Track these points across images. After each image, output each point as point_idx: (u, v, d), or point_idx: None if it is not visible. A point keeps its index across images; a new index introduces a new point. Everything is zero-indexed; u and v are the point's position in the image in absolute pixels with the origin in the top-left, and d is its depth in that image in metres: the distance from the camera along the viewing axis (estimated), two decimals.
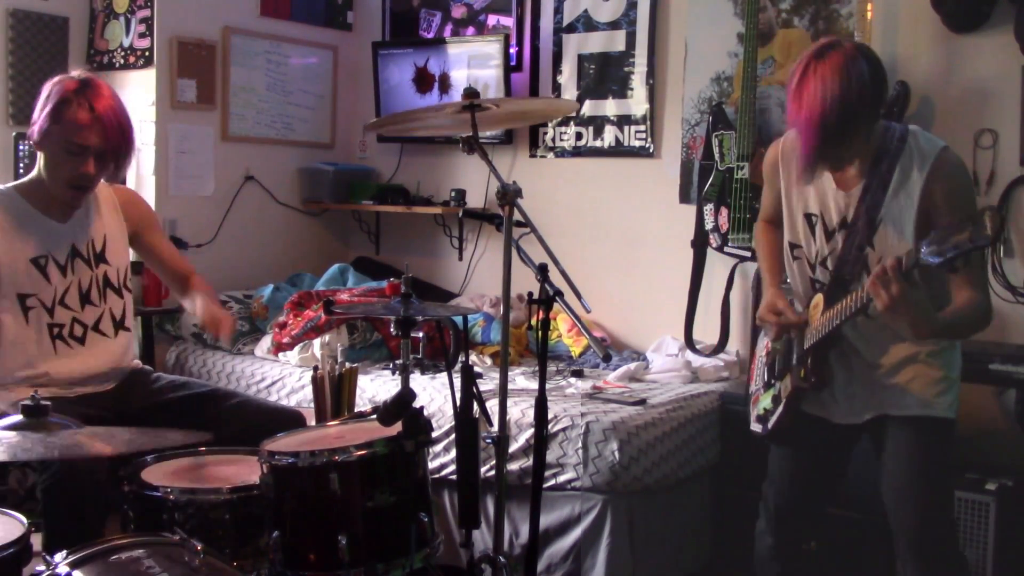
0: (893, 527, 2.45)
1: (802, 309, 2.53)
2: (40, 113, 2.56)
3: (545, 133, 4.61)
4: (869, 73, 2.23)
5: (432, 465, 3.41)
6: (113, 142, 2.55)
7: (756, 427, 2.69)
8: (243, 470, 2.35)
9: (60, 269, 2.65)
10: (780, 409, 2.57)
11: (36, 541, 1.86)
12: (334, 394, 3.20)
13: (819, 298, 2.46)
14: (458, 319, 3.73)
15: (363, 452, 2.15)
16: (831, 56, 2.23)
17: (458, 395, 2.40)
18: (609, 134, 4.42)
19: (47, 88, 2.58)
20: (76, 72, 2.64)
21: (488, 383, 3.56)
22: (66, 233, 2.68)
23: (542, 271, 2.32)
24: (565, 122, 4.54)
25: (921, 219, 2.31)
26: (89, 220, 2.73)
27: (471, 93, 2.46)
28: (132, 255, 2.90)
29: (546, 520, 3.21)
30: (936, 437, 2.42)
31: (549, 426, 3.21)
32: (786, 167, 2.52)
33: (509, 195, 2.34)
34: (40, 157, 2.64)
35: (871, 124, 2.30)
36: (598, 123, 4.46)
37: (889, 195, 2.33)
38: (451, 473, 3.35)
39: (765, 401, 2.65)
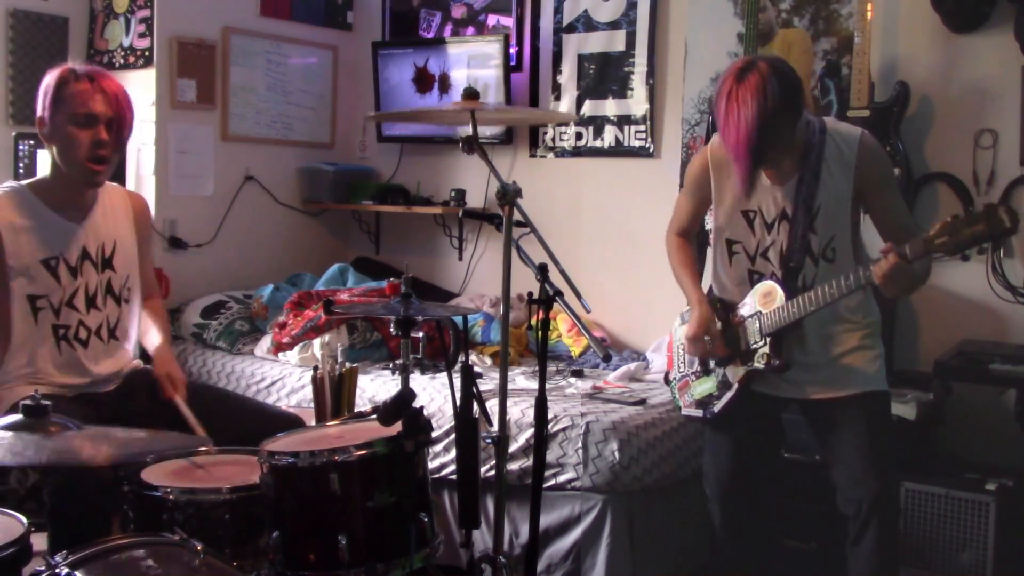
0: (849, 499, 2.60)
1: (737, 298, 2.74)
2: (42, 103, 2.58)
3: (545, 133, 4.62)
4: (781, 89, 2.42)
5: (432, 465, 3.41)
6: (116, 108, 2.59)
7: (693, 412, 2.85)
8: (243, 470, 2.35)
9: (70, 271, 2.64)
10: (731, 394, 2.74)
11: (36, 541, 1.85)
12: (334, 394, 3.20)
13: (771, 286, 2.63)
14: (458, 319, 3.73)
15: (363, 452, 2.15)
16: (748, 79, 2.44)
17: (458, 395, 2.40)
18: (609, 134, 4.42)
19: (44, 81, 2.61)
20: (68, 64, 2.66)
21: (488, 383, 3.56)
22: (79, 234, 2.66)
23: (542, 271, 2.32)
24: (565, 122, 4.54)
25: (854, 202, 2.58)
26: (103, 223, 2.72)
27: (471, 94, 2.46)
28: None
29: (546, 520, 3.21)
30: (883, 409, 2.67)
31: (549, 426, 3.22)
32: (717, 171, 2.72)
33: (509, 195, 2.34)
34: (51, 152, 2.62)
35: (792, 128, 2.51)
36: (598, 123, 4.46)
37: (822, 183, 2.56)
38: (451, 473, 3.35)
39: (704, 386, 2.81)
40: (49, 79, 2.59)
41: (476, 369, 2.58)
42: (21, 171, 4.25)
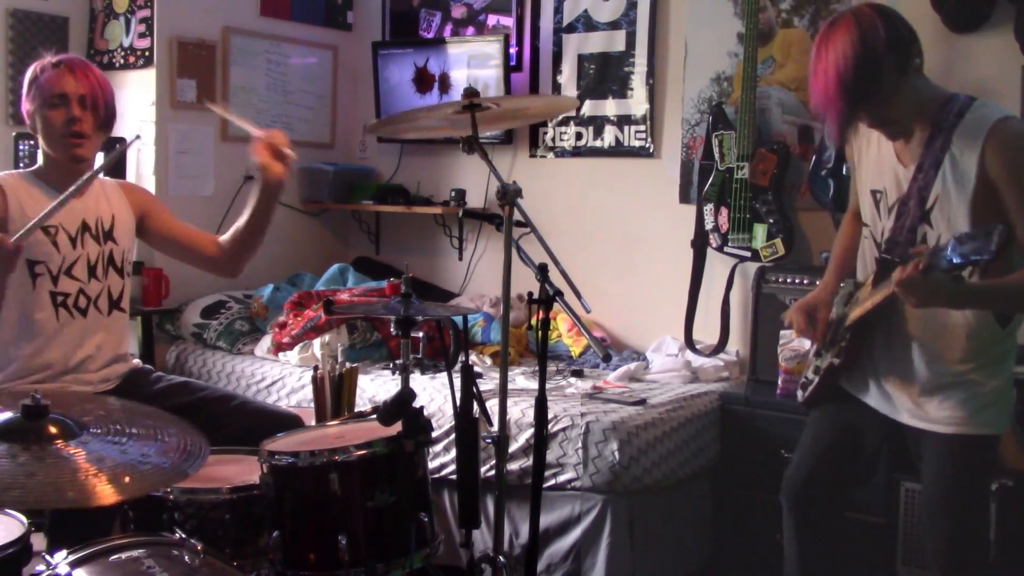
0: (924, 538, 2.44)
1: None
2: (24, 98, 2.71)
3: (545, 133, 4.61)
4: (884, 26, 2.18)
5: (432, 465, 3.41)
6: (87, 82, 2.69)
7: (799, 393, 2.64)
8: (243, 470, 2.35)
9: (70, 240, 2.71)
10: (817, 380, 2.53)
11: (36, 541, 1.85)
12: (334, 394, 3.20)
13: (869, 281, 2.40)
14: (458, 319, 3.73)
15: (363, 452, 2.15)
16: (843, 19, 2.22)
17: (458, 395, 2.40)
18: (609, 134, 4.42)
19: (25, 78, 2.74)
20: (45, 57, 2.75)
21: (488, 383, 3.56)
22: (78, 208, 2.72)
23: (542, 271, 2.32)
24: (565, 122, 4.54)
25: (980, 198, 2.20)
26: (99, 201, 2.80)
27: (471, 93, 2.46)
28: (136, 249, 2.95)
29: (546, 520, 3.21)
30: (974, 455, 2.34)
31: (549, 426, 3.21)
32: (858, 147, 2.48)
33: (509, 195, 2.34)
34: (39, 142, 2.73)
35: (900, 75, 2.20)
36: (598, 123, 4.46)
37: (941, 174, 2.24)
38: (451, 473, 3.35)
39: (809, 370, 2.61)
40: (27, 74, 2.72)
41: (476, 369, 2.58)
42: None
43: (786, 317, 2.62)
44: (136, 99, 4.48)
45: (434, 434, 3.32)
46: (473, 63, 4.63)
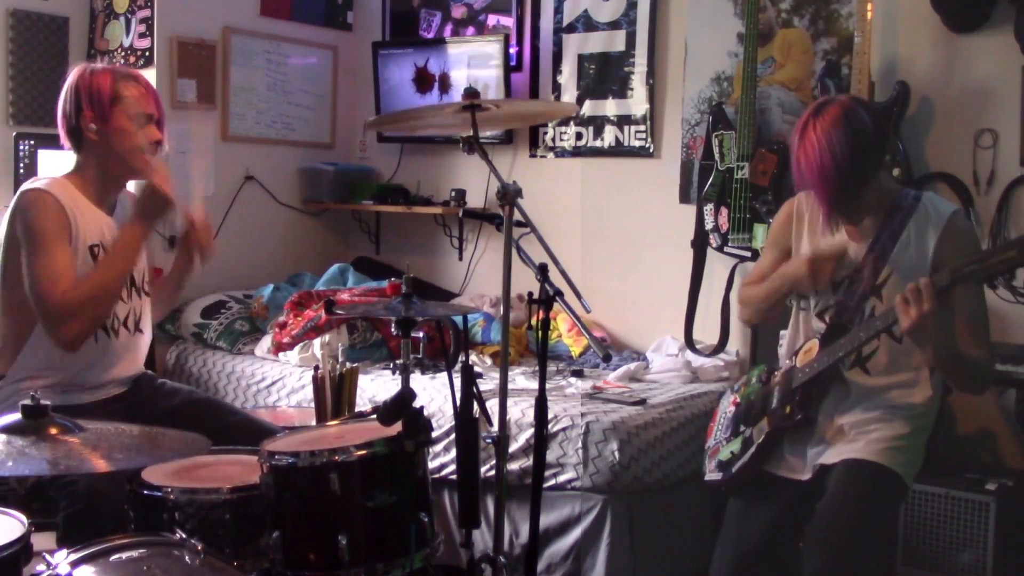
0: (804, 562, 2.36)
1: (787, 360, 2.58)
2: (91, 102, 2.64)
3: (545, 133, 4.62)
4: (870, 120, 2.33)
5: (432, 465, 3.41)
6: (161, 108, 2.82)
7: (714, 476, 2.67)
8: (243, 470, 2.35)
9: None
10: (751, 451, 2.55)
11: (36, 541, 1.85)
12: (334, 394, 3.20)
13: (814, 344, 2.50)
14: (458, 319, 3.73)
15: (363, 452, 2.15)
16: (829, 110, 2.34)
17: (458, 395, 2.40)
18: (609, 134, 4.42)
19: (76, 84, 2.66)
20: (90, 65, 2.72)
21: (488, 383, 3.56)
22: (110, 225, 2.72)
23: (542, 271, 2.32)
24: (565, 122, 4.54)
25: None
26: (126, 218, 2.77)
27: (471, 93, 2.46)
28: None
29: (546, 520, 3.21)
30: (877, 487, 2.37)
31: (549, 426, 3.22)
32: (799, 223, 2.58)
33: (509, 195, 2.34)
34: (93, 149, 2.68)
35: (877, 169, 2.37)
36: (598, 123, 4.46)
37: (899, 248, 2.40)
38: (451, 473, 3.35)
39: (731, 447, 2.63)
40: (88, 85, 2.65)
41: (476, 369, 2.57)
42: (21, 171, 4.24)
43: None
44: None
45: (434, 434, 3.32)
46: (473, 63, 4.63)
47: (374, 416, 2.21)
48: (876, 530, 2.35)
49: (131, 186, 2.90)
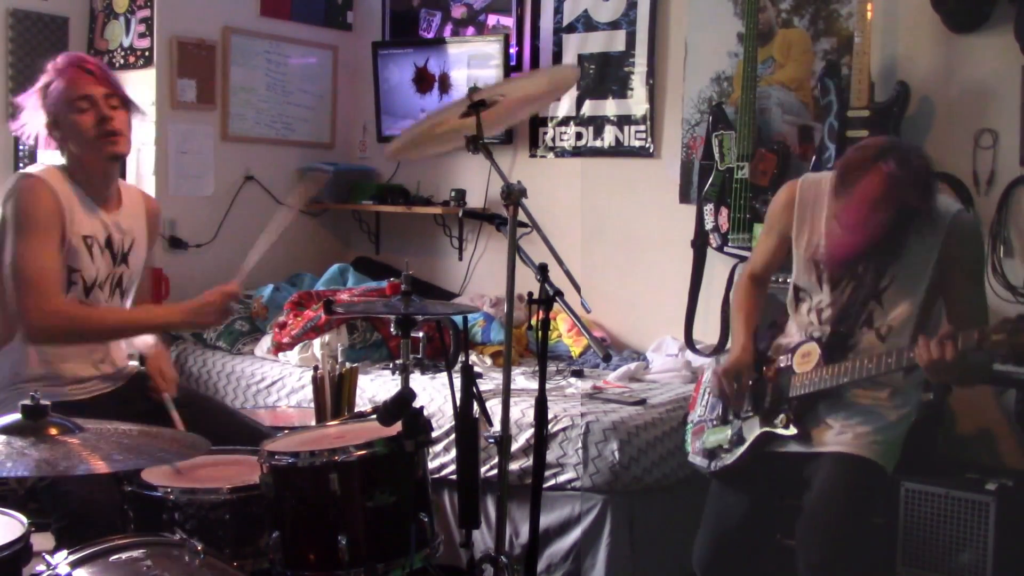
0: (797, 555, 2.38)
1: (784, 356, 2.54)
2: (38, 102, 2.62)
3: (545, 133, 4.62)
4: (926, 174, 2.30)
5: (432, 465, 3.41)
6: (106, 79, 2.65)
7: (699, 460, 2.67)
8: (243, 470, 2.35)
9: (101, 251, 2.67)
10: (742, 450, 2.54)
11: (36, 541, 1.85)
12: (334, 394, 3.20)
13: (812, 347, 2.47)
14: (458, 319, 3.73)
15: (363, 452, 2.15)
16: (894, 158, 2.26)
17: (458, 395, 2.40)
18: (609, 134, 4.42)
19: (34, 94, 2.65)
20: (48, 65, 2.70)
21: (488, 383, 3.56)
22: (106, 221, 2.69)
23: (542, 271, 2.32)
24: (565, 122, 4.54)
25: (935, 281, 2.37)
26: (125, 220, 2.75)
27: (475, 90, 2.43)
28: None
29: (546, 520, 3.20)
30: (860, 478, 2.39)
31: (549, 426, 3.21)
32: (801, 209, 2.53)
33: (514, 194, 2.33)
34: (68, 151, 2.65)
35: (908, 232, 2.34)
36: (598, 123, 4.46)
37: (902, 254, 2.36)
38: (451, 473, 3.35)
39: (718, 436, 2.62)
40: (36, 87, 2.64)
41: (476, 369, 2.57)
42: (21, 171, 4.24)
43: (710, 382, 2.66)
44: (136, 99, 4.45)
45: (434, 434, 3.32)
46: (473, 63, 4.63)
47: (374, 416, 2.22)
48: (868, 520, 2.41)
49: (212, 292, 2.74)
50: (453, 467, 3.15)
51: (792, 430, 2.46)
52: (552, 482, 3.23)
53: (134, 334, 2.72)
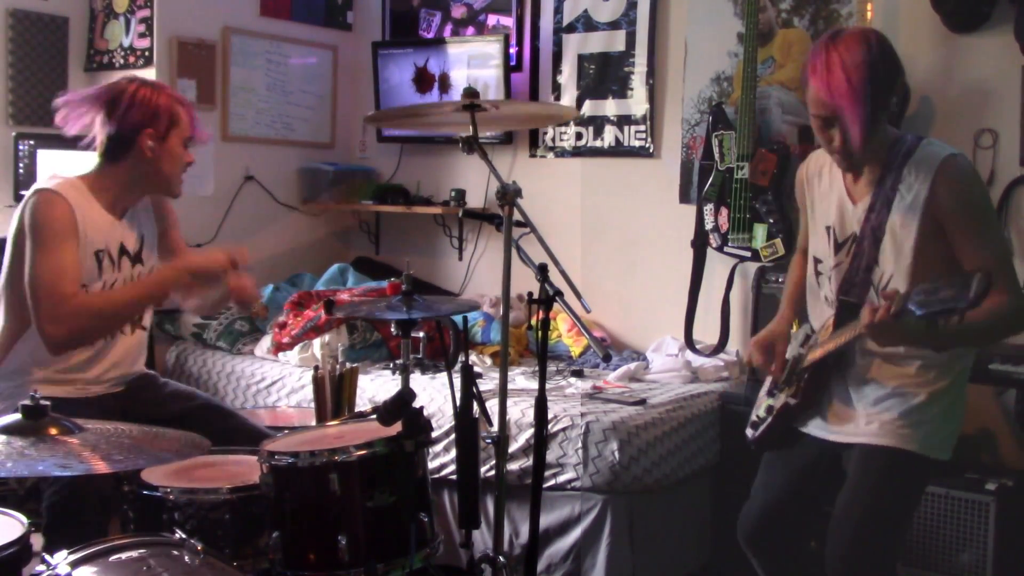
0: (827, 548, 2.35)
1: (817, 329, 2.50)
2: (150, 121, 2.66)
3: (545, 133, 4.61)
4: (888, 47, 2.23)
5: (432, 465, 3.41)
6: (197, 132, 2.83)
7: (749, 432, 2.65)
8: (243, 470, 2.35)
9: (112, 264, 2.69)
10: (770, 420, 2.53)
11: (36, 541, 1.86)
12: (334, 394, 3.20)
13: (830, 322, 2.41)
14: (458, 319, 3.73)
15: (363, 452, 2.15)
16: (848, 34, 2.23)
17: (458, 395, 2.40)
18: (609, 134, 4.42)
19: (136, 97, 2.66)
20: (139, 78, 2.74)
21: (488, 383, 3.56)
22: (120, 230, 2.72)
23: (542, 271, 2.32)
24: (565, 122, 4.54)
25: (927, 234, 2.23)
26: (136, 219, 2.79)
27: (471, 93, 2.46)
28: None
29: (546, 520, 3.21)
30: (895, 472, 2.32)
31: (549, 426, 3.22)
32: (810, 184, 2.51)
33: (509, 195, 2.34)
34: (136, 161, 2.68)
35: (890, 95, 2.23)
36: (598, 123, 4.46)
37: (892, 211, 2.26)
38: (451, 473, 3.35)
39: (761, 409, 2.60)
40: (156, 100, 2.68)
41: (476, 369, 2.57)
42: (21, 171, 4.25)
43: (744, 354, 2.62)
44: None
45: (434, 434, 3.32)
46: (473, 63, 4.63)
47: (374, 416, 2.22)
48: (893, 516, 2.33)
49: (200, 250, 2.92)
50: (453, 467, 3.16)
51: (792, 401, 2.43)
52: (552, 482, 3.23)
53: (149, 300, 2.74)
